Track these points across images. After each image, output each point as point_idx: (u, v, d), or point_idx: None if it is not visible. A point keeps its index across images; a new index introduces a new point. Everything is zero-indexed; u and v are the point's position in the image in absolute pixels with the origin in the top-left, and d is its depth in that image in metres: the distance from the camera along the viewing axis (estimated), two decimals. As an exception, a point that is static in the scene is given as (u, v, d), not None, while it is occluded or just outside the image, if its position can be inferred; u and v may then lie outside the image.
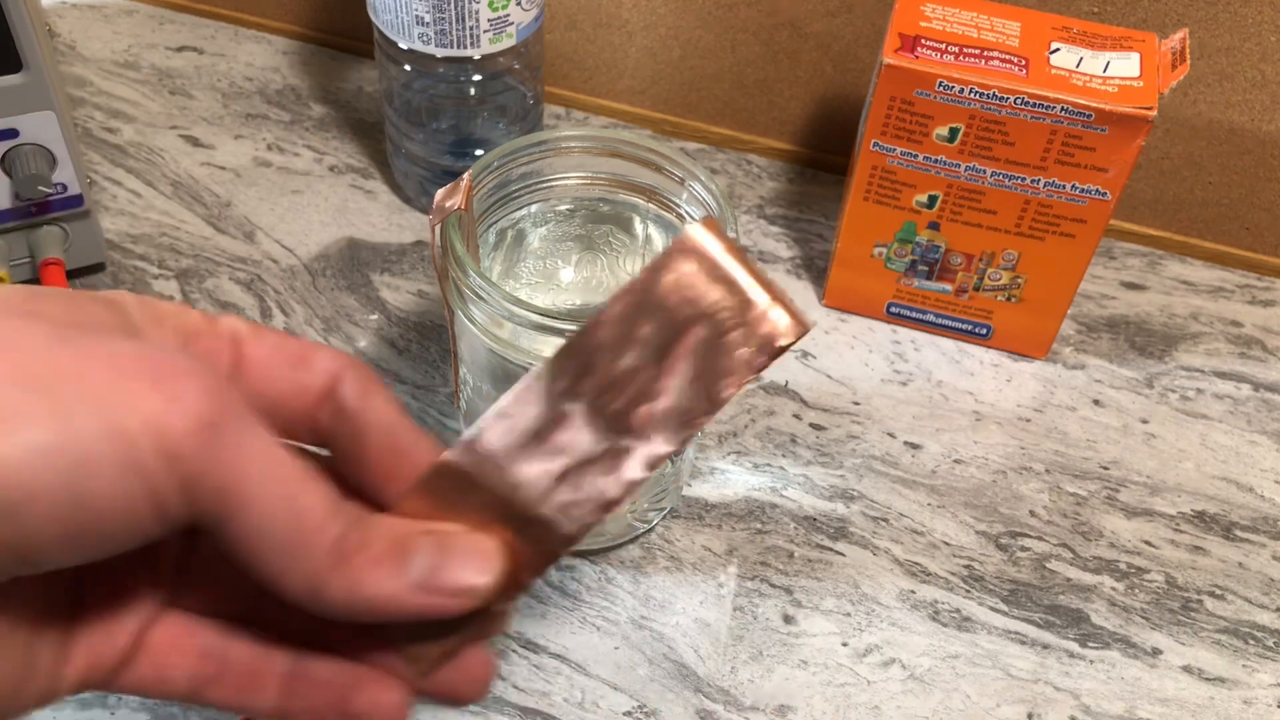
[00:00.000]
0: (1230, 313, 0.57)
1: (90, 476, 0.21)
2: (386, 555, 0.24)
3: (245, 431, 0.23)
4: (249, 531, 0.23)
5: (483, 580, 0.24)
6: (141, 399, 0.21)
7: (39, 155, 0.47)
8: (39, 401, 0.21)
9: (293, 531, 0.23)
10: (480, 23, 0.50)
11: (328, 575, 0.23)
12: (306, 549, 0.23)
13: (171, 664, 0.25)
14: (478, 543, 0.25)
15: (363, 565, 0.24)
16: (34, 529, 0.20)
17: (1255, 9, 0.51)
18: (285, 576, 0.23)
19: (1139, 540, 0.47)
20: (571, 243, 0.44)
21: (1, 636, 0.23)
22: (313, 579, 0.23)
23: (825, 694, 0.42)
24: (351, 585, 0.23)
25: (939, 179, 0.49)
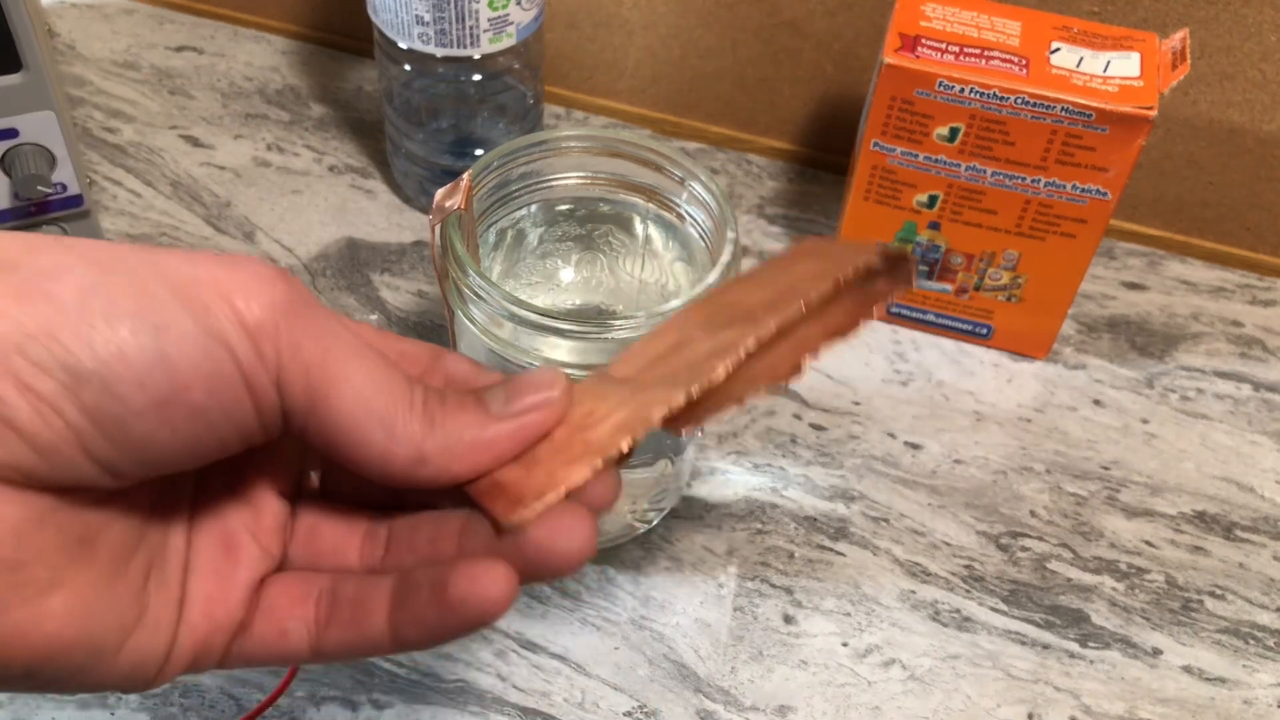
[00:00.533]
0: (1231, 313, 0.57)
1: (171, 341, 0.21)
2: (467, 402, 0.25)
3: (321, 312, 0.23)
4: (347, 406, 0.23)
5: (555, 390, 0.25)
6: (214, 273, 0.22)
7: (39, 155, 0.47)
8: (115, 279, 0.21)
9: (388, 402, 0.23)
10: (480, 22, 0.50)
11: (426, 438, 0.24)
12: (403, 417, 0.23)
13: (293, 616, 0.25)
14: (538, 370, 0.26)
15: (450, 416, 0.24)
16: (125, 394, 0.20)
17: (1256, 9, 0.51)
18: (389, 449, 0.23)
19: (1139, 540, 0.47)
20: (571, 243, 0.44)
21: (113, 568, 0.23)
22: (414, 443, 0.23)
23: (825, 694, 0.42)
24: (449, 437, 0.24)
25: (939, 179, 0.49)
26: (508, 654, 0.42)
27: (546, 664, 0.42)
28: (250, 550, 0.26)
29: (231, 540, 0.25)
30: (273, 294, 0.22)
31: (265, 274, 0.22)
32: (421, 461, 0.24)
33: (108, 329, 0.20)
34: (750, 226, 0.59)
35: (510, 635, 0.43)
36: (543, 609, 0.43)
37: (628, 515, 0.44)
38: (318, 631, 0.25)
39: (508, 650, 0.42)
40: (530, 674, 0.42)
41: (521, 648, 0.42)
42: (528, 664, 0.42)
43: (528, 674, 0.42)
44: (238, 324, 0.21)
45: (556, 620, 0.43)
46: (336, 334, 0.23)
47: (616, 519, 0.44)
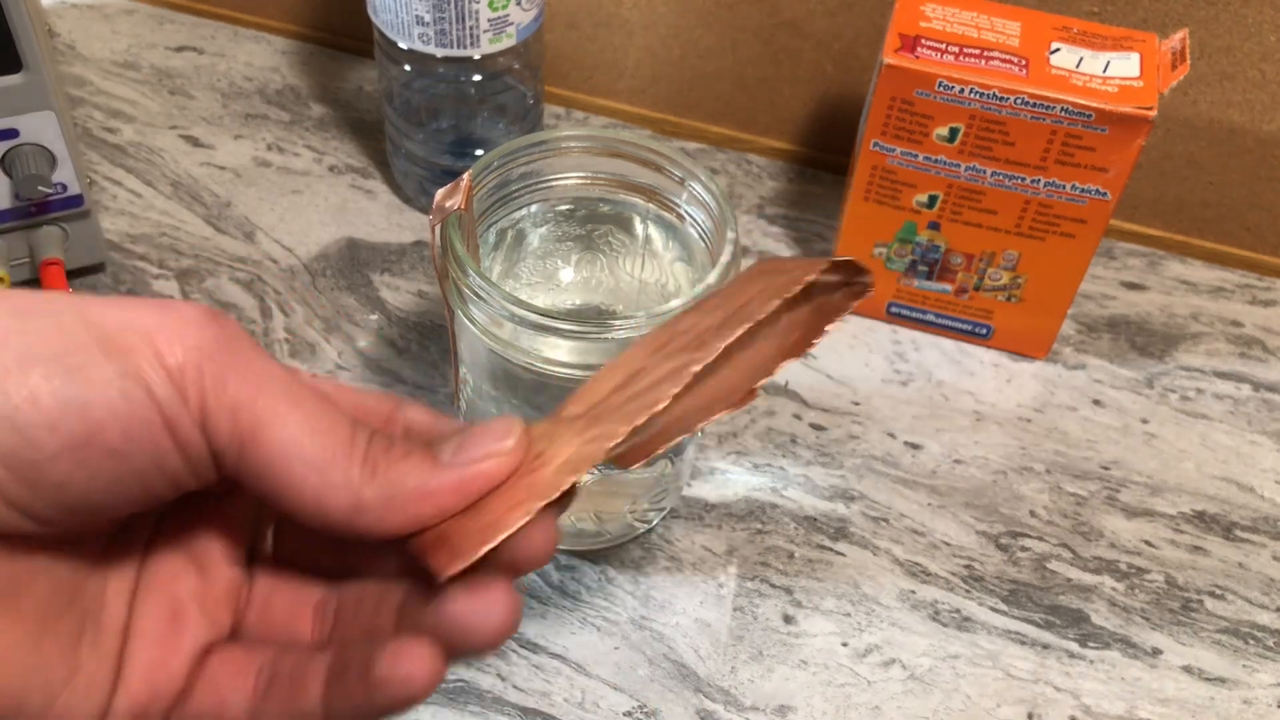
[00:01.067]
0: (1230, 313, 0.57)
1: (85, 384, 0.20)
2: (414, 450, 0.24)
3: (255, 355, 0.22)
4: (279, 449, 0.22)
5: (509, 441, 0.24)
6: (138, 317, 0.21)
7: (39, 155, 0.47)
8: (34, 325, 0.21)
9: (323, 447, 0.22)
10: (480, 23, 0.50)
11: (365, 485, 0.23)
12: (340, 462, 0.23)
13: (233, 689, 0.25)
14: (494, 420, 0.25)
15: (394, 463, 0.23)
16: (36, 438, 0.20)
17: (1255, 9, 0.51)
18: (324, 496, 0.22)
19: (1139, 540, 0.47)
20: (571, 243, 0.44)
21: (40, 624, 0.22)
22: (351, 491, 0.23)
23: (825, 694, 0.42)
24: (390, 486, 0.23)
25: (939, 179, 0.49)
26: (508, 654, 0.42)
27: (546, 664, 0.42)
28: (196, 620, 0.25)
29: (178, 608, 0.25)
30: (199, 336, 0.22)
31: (193, 317, 0.22)
32: (359, 510, 0.23)
33: (20, 374, 0.20)
34: (750, 226, 0.59)
35: (510, 635, 0.43)
36: (543, 609, 0.43)
37: (628, 515, 0.45)
38: (256, 704, 0.25)
39: (508, 650, 0.42)
40: (530, 674, 0.42)
41: (521, 647, 0.42)
42: (528, 664, 0.42)
43: (528, 674, 0.42)
44: (159, 366, 0.21)
45: (556, 620, 0.43)
46: (270, 375, 0.22)
47: (617, 519, 0.44)
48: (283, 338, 0.52)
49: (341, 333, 0.52)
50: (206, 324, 0.22)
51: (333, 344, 0.52)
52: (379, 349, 0.52)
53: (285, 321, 0.52)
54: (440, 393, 0.50)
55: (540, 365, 0.37)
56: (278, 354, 0.51)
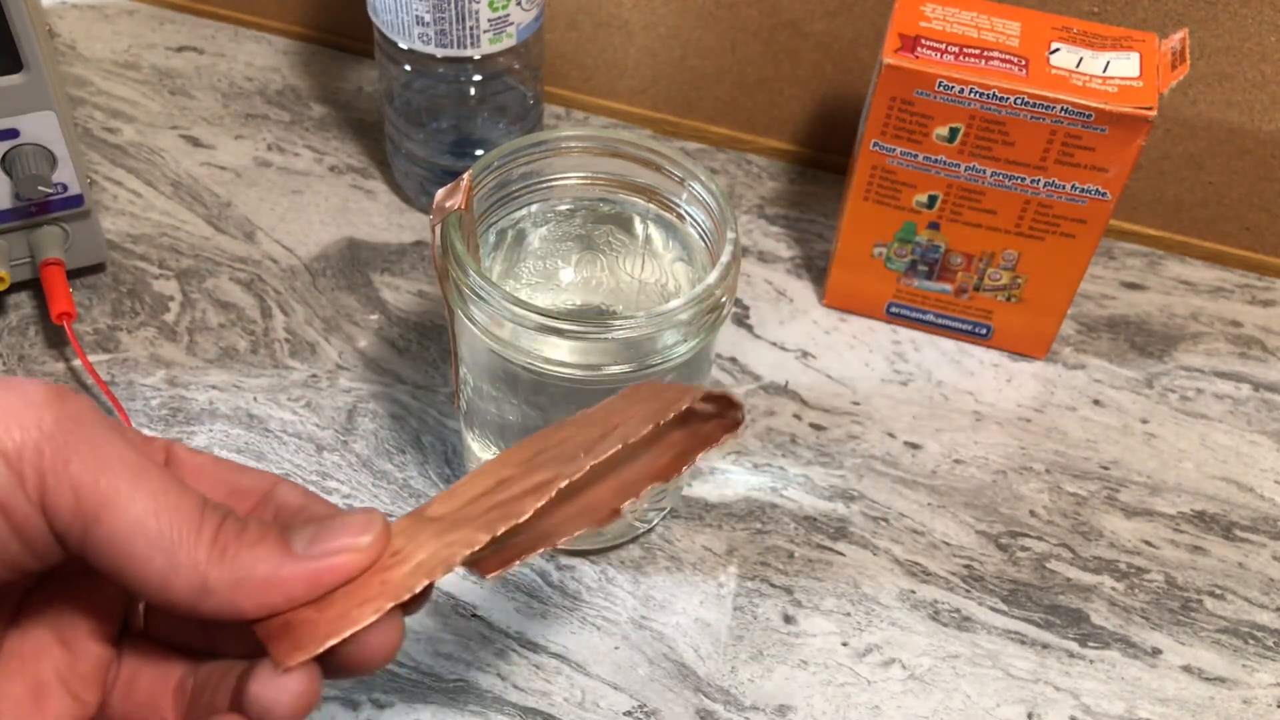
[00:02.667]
0: (1230, 313, 0.57)
1: None
2: (268, 535, 0.24)
3: (99, 431, 0.22)
4: (121, 532, 0.22)
5: (366, 537, 0.24)
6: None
7: (39, 155, 0.47)
8: None
9: (169, 527, 0.22)
10: (480, 23, 0.50)
11: (212, 568, 0.22)
12: (186, 544, 0.22)
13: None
14: (356, 512, 0.25)
15: (244, 548, 0.23)
16: None
17: (1255, 9, 0.51)
18: (169, 578, 0.22)
19: (1139, 540, 0.47)
20: (571, 243, 0.44)
21: None
22: (197, 574, 0.22)
23: (825, 694, 0.42)
24: (238, 571, 0.23)
25: (939, 179, 0.49)
26: (508, 653, 0.42)
27: (546, 663, 0.42)
28: (60, 698, 0.25)
29: (41, 686, 0.25)
30: (39, 416, 0.21)
31: (35, 396, 0.22)
32: (205, 593, 0.22)
33: None
34: (750, 226, 0.59)
35: (510, 635, 0.43)
36: (542, 608, 0.43)
37: (628, 515, 0.45)
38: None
39: (508, 649, 0.42)
40: (530, 673, 0.42)
41: (521, 647, 0.42)
42: (528, 663, 0.42)
43: (528, 673, 0.42)
44: None
45: (556, 619, 0.43)
46: (116, 455, 0.22)
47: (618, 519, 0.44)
48: (283, 338, 0.52)
49: (342, 333, 0.52)
50: (49, 404, 0.22)
51: (333, 344, 0.52)
52: (379, 349, 0.52)
53: (285, 321, 0.52)
54: (440, 393, 0.50)
55: (540, 365, 0.37)
56: (278, 354, 0.51)
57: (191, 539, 0.22)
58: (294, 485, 0.27)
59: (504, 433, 0.42)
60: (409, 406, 0.50)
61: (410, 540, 0.25)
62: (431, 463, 0.48)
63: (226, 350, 0.51)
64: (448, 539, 0.25)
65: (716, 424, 0.29)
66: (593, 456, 0.26)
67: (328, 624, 0.23)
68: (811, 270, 0.57)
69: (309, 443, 0.48)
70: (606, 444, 0.27)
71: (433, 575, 0.24)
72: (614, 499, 0.27)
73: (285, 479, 0.27)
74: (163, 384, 0.50)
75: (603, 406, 0.30)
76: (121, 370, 0.50)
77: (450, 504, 0.27)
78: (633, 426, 0.27)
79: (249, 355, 0.51)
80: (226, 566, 0.23)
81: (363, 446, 0.48)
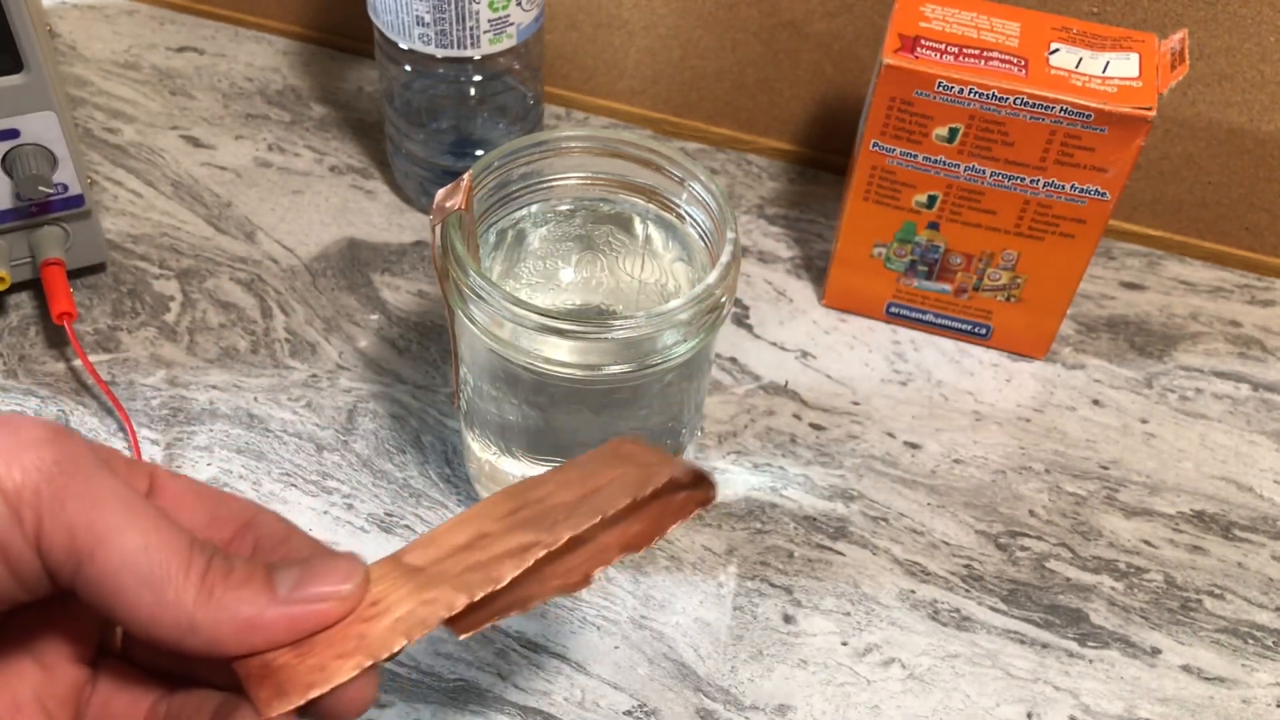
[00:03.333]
0: (1230, 313, 0.57)
1: None
2: (254, 577, 0.24)
3: (94, 471, 0.23)
4: (112, 569, 0.22)
5: (348, 585, 0.25)
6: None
7: (40, 155, 0.47)
8: None
9: (158, 566, 0.23)
10: (480, 23, 0.50)
11: (199, 607, 0.23)
12: (174, 582, 0.23)
13: None
14: (338, 557, 0.25)
15: (230, 589, 0.23)
16: None
17: (1255, 9, 0.51)
18: (156, 614, 0.23)
19: (1138, 540, 0.47)
20: (571, 243, 0.44)
21: None
22: (184, 612, 0.23)
23: (825, 693, 0.42)
24: (223, 611, 0.23)
25: (939, 179, 0.49)
26: (508, 653, 0.42)
27: (546, 663, 0.42)
28: (34, 718, 0.25)
29: (18, 706, 0.25)
30: (38, 457, 0.22)
31: (32, 437, 0.22)
32: (191, 631, 0.23)
33: None
34: (750, 226, 0.59)
35: (510, 634, 0.43)
36: (542, 608, 0.44)
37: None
38: None
39: (508, 649, 0.42)
40: (530, 673, 0.42)
41: (522, 647, 0.42)
42: (528, 663, 0.42)
43: (528, 673, 0.42)
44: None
45: (556, 619, 0.43)
46: (110, 493, 0.23)
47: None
48: (283, 338, 0.52)
49: (342, 333, 0.52)
50: (48, 444, 0.22)
51: (333, 344, 0.52)
52: (379, 349, 0.52)
53: (285, 321, 0.53)
54: (440, 393, 0.50)
55: (540, 365, 0.37)
56: (278, 354, 0.51)
57: (180, 577, 0.23)
58: (275, 516, 0.27)
59: (504, 433, 0.42)
60: (409, 406, 0.50)
61: (390, 590, 0.26)
62: (431, 463, 0.48)
63: (227, 350, 0.51)
64: (426, 596, 0.26)
65: (689, 496, 0.30)
66: (571, 527, 0.27)
67: (307, 673, 0.24)
68: (811, 270, 0.57)
69: (309, 442, 0.48)
70: (584, 514, 0.27)
71: (410, 636, 0.25)
72: (587, 565, 0.28)
73: (265, 509, 0.28)
74: (163, 384, 0.50)
75: (584, 462, 0.30)
76: (122, 370, 0.50)
77: (430, 553, 0.27)
78: (611, 496, 0.28)
79: (249, 355, 0.51)
80: (213, 606, 0.23)
81: (363, 446, 0.48)
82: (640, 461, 0.30)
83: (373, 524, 0.46)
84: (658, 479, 0.28)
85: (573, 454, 0.42)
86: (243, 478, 0.47)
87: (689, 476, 0.30)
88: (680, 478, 0.29)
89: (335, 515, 0.46)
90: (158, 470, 0.27)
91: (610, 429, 0.41)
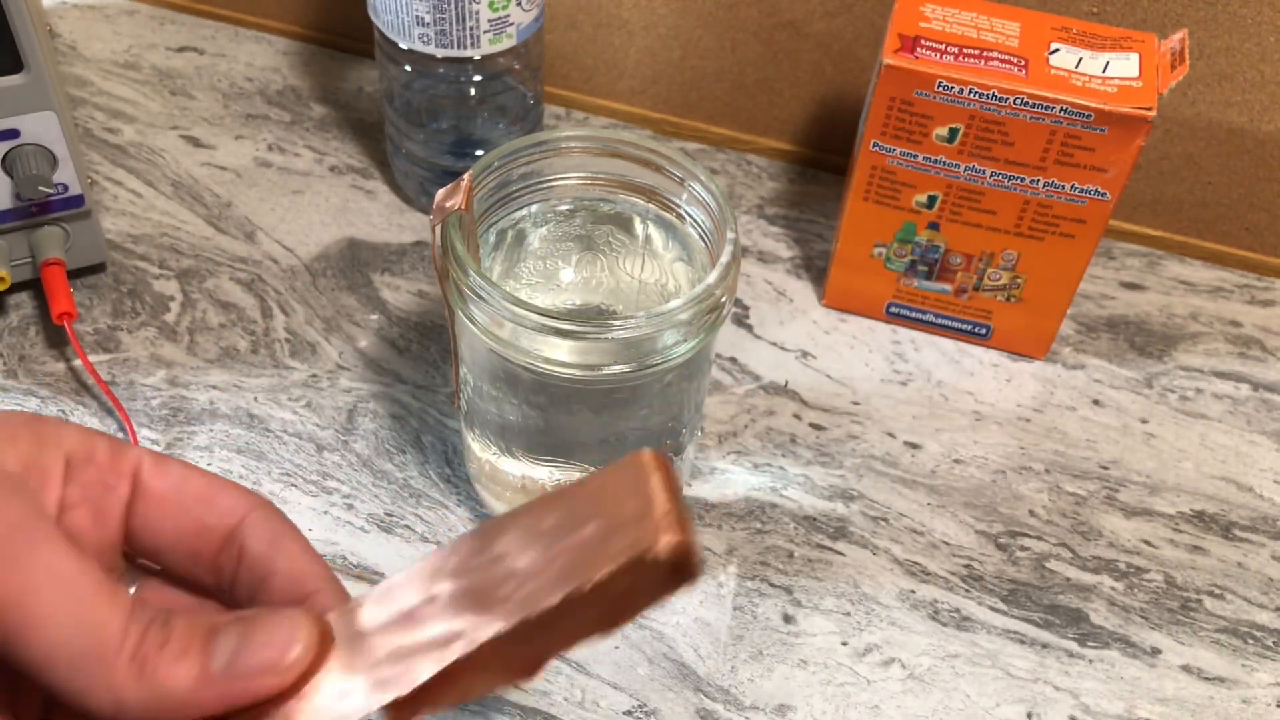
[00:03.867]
0: (1230, 313, 0.57)
1: None
2: (191, 647, 0.23)
3: (32, 543, 0.22)
4: (42, 650, 0.22)
5: (292, 653, 0.23)
6: None
7: (40, 155, 0.47)
8: None
9: (89, 646, 0.22)
10: (480, 23, 0.50)
11: (128, 687, 0.22)
12: (104, 663, 0.22)
13: None
14: (284, 615, 0.24)
15: (163, 663, 0.22)
16: None
17: (1255, 9, 0.51)
18: (85, 694, 0.22)
19: (1138, 540, 0.47)
20: (571, 243, 0.44)
21: None
22: (114, 693, 0.22)
23: (825, 693, 0.42)
24: (155, 690, 0.22)
25: (939, 179, 0.49)
26: (508, 653, 0.42)
27: (547, 663, 0.42)
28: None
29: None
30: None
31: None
32: (120, 709, 0.22)
33: None
34: (750, 226, 0.59)
35: (510, 634, 0.43)
36: (543, 608, 0.43)
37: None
38: None
39: (508, 649, 0.42)
40: (530, 673, 0.42)
41: (522, 647, 0.42)
42: (528, 663, 0.42)
43: (528, 673, 0.42)
44: None
45: (556, 619, 0.43)
46: (44, 569, 0.22)
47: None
48: (283, 338, 0.52)
49: (342, 333, 0.52)
50: None
51: (333, 344, 0.52)
52: (379, 349, 0.52)
53: (286, 321, 0.53)
54: (440, 393, 0.50)
55: (540, 365, 0.37)
56: (278, 354, 0.51)
57: (111, 657, 0.22)
58: (265, 518, 0.26)
59: (504, 433, 0.42)
60: (409, 406, 0.50)
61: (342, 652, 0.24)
62: (431, 463, 0.48)
63: (227, 350, 0.51)
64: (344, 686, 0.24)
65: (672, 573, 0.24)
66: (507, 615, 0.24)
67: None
68: (811, 270, 0.57)
69: (309, 442, 0.48)
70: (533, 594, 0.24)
71: None
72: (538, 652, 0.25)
73: (261, 506, 0.26)
74: (163, 384, 0.50)
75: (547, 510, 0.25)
76: (122, 370, 0.50)
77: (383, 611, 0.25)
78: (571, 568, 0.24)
79: (249, 355, 0.51)
80: (144, 684, 0.22)
81: (363, 446, 0.48)
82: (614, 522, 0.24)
83: (373, 524, 0.46)
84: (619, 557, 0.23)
85: (573, 454, 0.43)
86: (243, 478, 0.47)
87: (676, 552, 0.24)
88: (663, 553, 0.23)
89: (335, 515, 0.46)
90: (143, 467, 0.26)
91: (610, 429, 0.41)
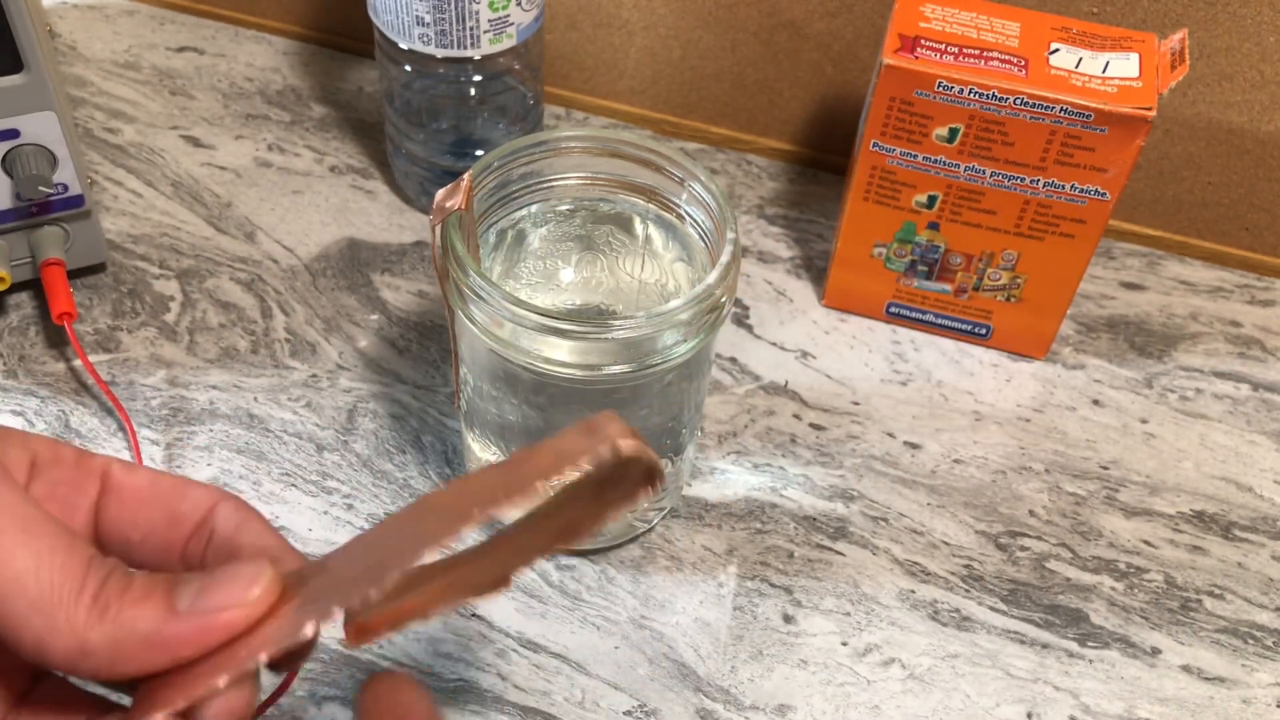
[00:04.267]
0: (1229, 313, 0.57)
1: None
2: (153, 591, 0.23)
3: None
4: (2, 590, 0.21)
5: (254, 590, 0.23)
6: None
7: (40, 155, 0.47)
8: None
9: (49, 588, 0.22)
10: (480, 23, 0.50)
11: (91, 628, 0.22)
12: (65, 605, 0.22)
13: None
14: (244, 564, 0.24)
15: (126, 606, 0.22)
16: None
17: (1255, 9, 0.51)
18: (44, 638, 0.22)
19: (1138, 540, 0.47)
20: (571, 243, 0.44)
21: None
22: (76, 634, 0.22)
23: (825, 693, 0.42)
24: (120, 629, 0.22)
25: (938, 179, 0.49)
26: (508, 653, 0.42)
27: (546, 663, 0.42)
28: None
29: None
30: None
31: None
32: (84, 654, 0.22)
33: None
34: (750, 226, 0.59)
35: (510, 634, 0.43)
36: (542, 608, 0.44)
37: (628, 515, 0.45)
38: None
39: (508, 649, 0.42)
40: (530, 673, 0.42)
41: (521, 647, 0.42)
42: (528, 663, 0.42)
43: (528, 673, 0.42)
44: None
45: (556, 619, 0.43)
46: (4, 512, 0.22)
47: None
48: (283, 338, 0.52)
49: (342, 333, 0.52)
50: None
51: (333, 344, 0.52)
52: (379, 349, 0.52)
53: (285, 321, 0.53)
54: (440, 393, 0.50)
55: (540, 365, 0.37)
56: (278, 354, 0.51)
57: (71, 599, 0.22)
58: (235, 507, 0.26)
59: (504, 433, 0.42)
60: (409, 406, 0.50)
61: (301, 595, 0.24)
62: (432, 463, 0.48)
63: (227, 350, 0.51)
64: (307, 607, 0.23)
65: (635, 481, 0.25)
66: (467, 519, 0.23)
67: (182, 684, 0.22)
68: (811, 270, 0.57)
69: (309, 442, 0.48)
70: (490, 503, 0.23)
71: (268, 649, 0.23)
72: (506, 565, 0.25)
73: (228, 499, 0.26)
74: (163, 384, 0.50)
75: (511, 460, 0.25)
76: (122, 370, 0.50)
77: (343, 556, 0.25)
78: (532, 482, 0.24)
79: (249, 355, 0.51)
80: (106, 626, 0.22)
81: (363, 446, 0.48)
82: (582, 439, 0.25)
83: (373, 524, 0.46)
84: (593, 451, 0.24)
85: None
86: (243, 478, 0.47)
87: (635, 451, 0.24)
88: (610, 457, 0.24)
89: (335, 515, 0.46)
90: (112, 469, 0.26)
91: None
